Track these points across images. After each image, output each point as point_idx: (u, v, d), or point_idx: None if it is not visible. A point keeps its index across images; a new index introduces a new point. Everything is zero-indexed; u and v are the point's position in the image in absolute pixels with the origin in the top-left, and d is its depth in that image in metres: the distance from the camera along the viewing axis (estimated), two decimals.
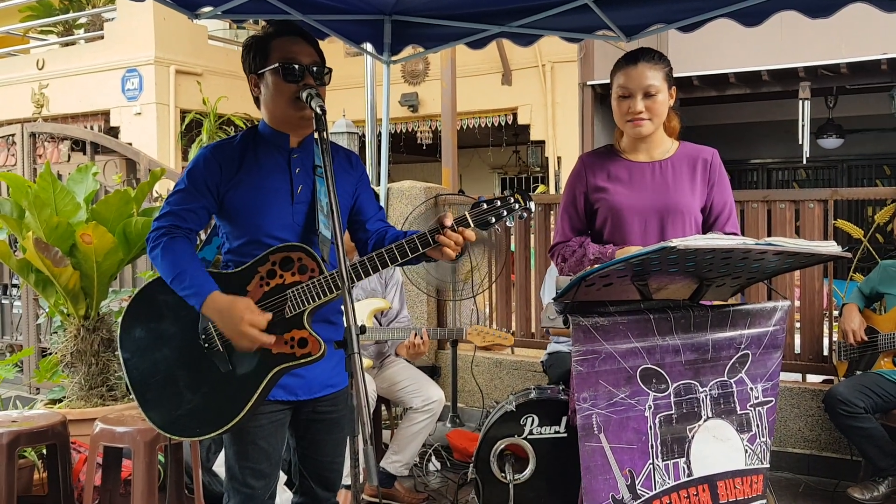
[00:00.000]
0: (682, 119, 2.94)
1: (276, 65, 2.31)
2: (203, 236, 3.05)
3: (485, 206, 2.22)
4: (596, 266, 2.08)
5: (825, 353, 4.70)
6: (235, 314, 2.21)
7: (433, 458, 4.78)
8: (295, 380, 2.39)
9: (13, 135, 7.03)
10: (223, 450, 3.87)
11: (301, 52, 2.35)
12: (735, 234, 2.69)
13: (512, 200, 2.21)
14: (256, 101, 2.44)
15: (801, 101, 9.43)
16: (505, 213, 2.20)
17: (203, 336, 2.33)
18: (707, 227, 2.72)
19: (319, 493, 2.59)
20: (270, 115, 2.41)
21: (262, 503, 2.47)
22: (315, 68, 2.35)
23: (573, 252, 2.64)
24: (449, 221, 2.21)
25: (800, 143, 9.70)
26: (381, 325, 4.34)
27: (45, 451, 3.71)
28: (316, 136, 2.25)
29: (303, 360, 2.26)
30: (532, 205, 2.24)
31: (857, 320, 4.19)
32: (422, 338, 4.10)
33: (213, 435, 2.31)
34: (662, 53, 2.75)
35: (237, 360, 2.30)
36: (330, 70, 2.41)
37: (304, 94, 2.25)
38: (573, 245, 2.67)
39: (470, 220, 2.22)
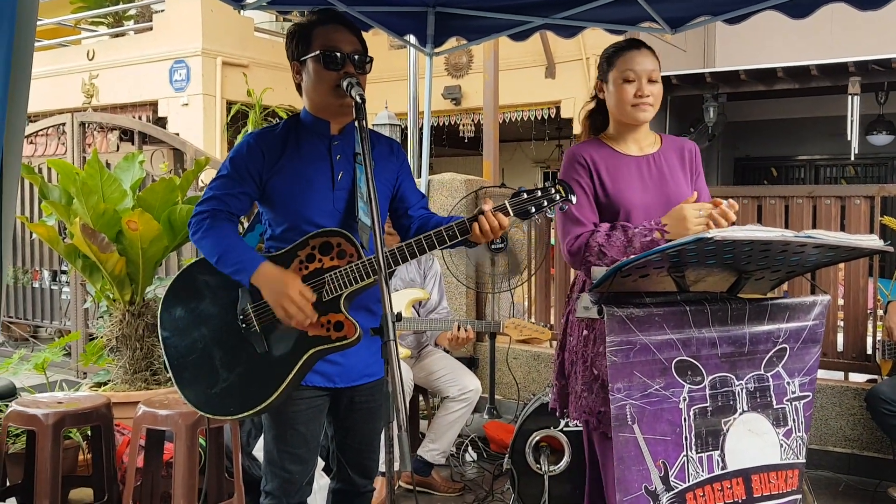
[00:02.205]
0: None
1: (318, 52, 2.33)
2: (245, 223, 3.08)
3: (525, 195, 2.20)
4: (632, 257, 2.07)
5: (869, 351, 4.63)
6: (284, 282, 2.24)
7: (470, 448, 4.81)
8: (333, 367, 2.41)
9: (63, 124, 7.18)
10: (263, 434, 3.93)
11: (343, 40, 2.36)
12: None
13: (553, 191, 2.20)
14: (298, 87, 2.46)
15: (850, 97, 9.27)
16: (545, 203, 2.19)
17: (241, 317, 2.36)
18: None
19: (357, 481, 2.61)
20: (311, 102, 2.43)
21: (299, 488, 2.50)
22: (356, 56, 2.36)
23: (607, 237, 2.45)
24: (487, 207, 2.22)
25: (848, 139, 9.53)
26: (419, 315, 4.36)
27: (89, 433, 3.79)
28: (356, 124, 2.27)
29: (338, 343, 2.27)
30: (574, 198, 2.23)
31: None
32: (466, 330, 4.11)
33: (246, 415, 2.32)
34: None
35: (273, 342, 2.32)
36: (371, 59, 2.41)
37: (345, 83, 2.27)
38: (605, 229, 2.48)
39: (510, 209, 2.21)
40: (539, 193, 2.20)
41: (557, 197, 2.20)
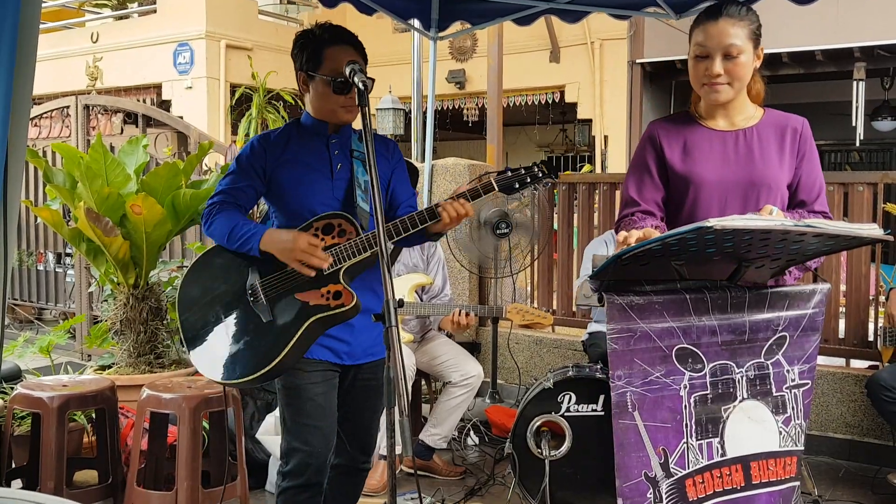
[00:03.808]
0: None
1: (329, 77, 2.50)
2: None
3: (509, 173, 2.48)
4: (631, 245, 2.07)
5: (870, 338, 4.64)
6: (292, 238, 2.45)
7: (471, 432, 4.83)
8: (341, 345, 2.58)
9: (68, 107, 7.19)
10: (269, 417, 3.96)
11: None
12: (825, 213, 2.45)
13: (535, 169, 2.48)
14: (301, 92, 2.64)
15: (855, 82, 9.23)
16: (528, 179, 2.47)
17: (250, 291, 2.55)
18: (794, 206, 2.46)
19: (356, 456, 2.75)
20: (316, 111, 2.62)
21: (320, 466, 2.58)
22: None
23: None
24: (459, 193, 2.47)
25: (853, 125, 9.50)
26: (421, 301, 4.37)
27: (94, 416, 3.82)
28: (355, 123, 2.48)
29: (337, 311, 2.45)
30: (554, 175, 2.49)
31: None
32: (467, 315, 4.13)
33: (253, 377, 2.46)
34: (750, 6, 2.43)
35: (278, 312, 2.51)
36: (373, 80, 2.45)
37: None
38: (636, 220, 2.43)
39: (495, 185, 2.45)
40: (523, 171, 2.48)
41: (540, 174, 2.47)
